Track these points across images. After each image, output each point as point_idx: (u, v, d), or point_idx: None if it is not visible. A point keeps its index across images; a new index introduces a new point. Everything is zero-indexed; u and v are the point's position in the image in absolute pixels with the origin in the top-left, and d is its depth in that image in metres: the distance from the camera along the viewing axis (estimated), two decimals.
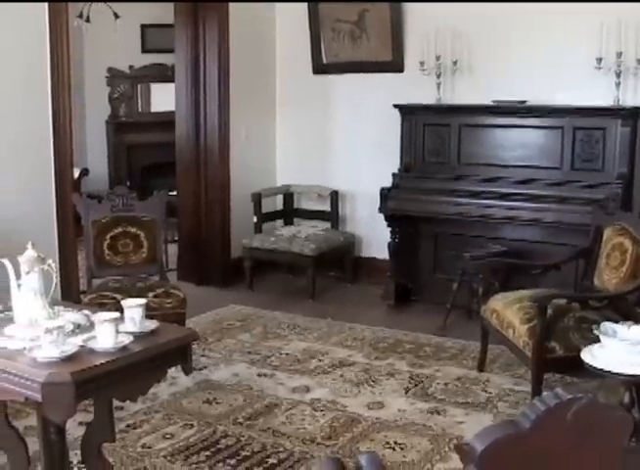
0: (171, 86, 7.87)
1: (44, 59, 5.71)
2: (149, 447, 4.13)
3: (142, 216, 5.32)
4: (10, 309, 3.01)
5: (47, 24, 5.69)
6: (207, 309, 6.57)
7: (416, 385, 5.00)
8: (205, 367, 5.28)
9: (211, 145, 7.40)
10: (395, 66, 7.12)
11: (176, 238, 8.04)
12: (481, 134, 6.38)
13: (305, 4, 7.42)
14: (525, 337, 4.48)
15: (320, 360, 5.44)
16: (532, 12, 6.32)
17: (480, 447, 1.35)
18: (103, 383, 2.65)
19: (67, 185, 5.98)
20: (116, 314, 2.78)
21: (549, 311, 4.45)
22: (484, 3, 6.49)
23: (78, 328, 2.86)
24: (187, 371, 2.99)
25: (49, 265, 2.94)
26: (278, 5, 7.77)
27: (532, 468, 1.42)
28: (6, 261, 2.92)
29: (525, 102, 6.22)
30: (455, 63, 6.67)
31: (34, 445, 3.28)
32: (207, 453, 4.08)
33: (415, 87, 6.87)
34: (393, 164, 6.73)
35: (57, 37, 5.76)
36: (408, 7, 6.98)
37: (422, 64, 6.73)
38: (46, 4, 5.66)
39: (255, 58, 7.66)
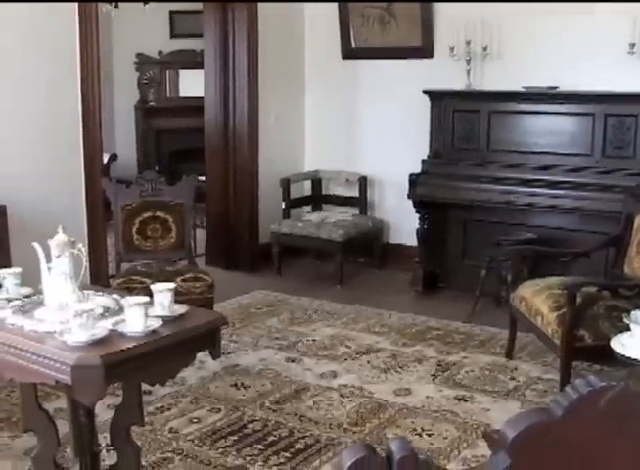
0: (200, 72, 7.87)
1: (74, 45, 5.73)
2: (176, 431, 4.16)
3: (171, 201, 5.33)
4: (40, 293, 3.03)
5: (76, 10, 5.71)
6: (235, 294, 6.59)
7: (443, 372, 4.99)
8: (233, 352, 5.30)
9: (240, 130, 7.39)
10: (425, 51, 7.08)
11: (204, 223, 8.05)
12: (511, 121, 6.33)
13: None
14: (555, 325, 4.45)
15: (347, 346, 5.44)
16: None
17: (511, 434, 1.33)
18: (132, 366, 2.66)
19: (96, 170, 6.01)
20: (146, 298, 2.78)
21: (579, 299, 4.42)
22: None
23: (108, 312, 2.87)
24: (215, 356, 2.99)
25: (79, 249, 2.95)
26: None
27: (564, 456, 1.40)
28: (37, 245, 2.93)
29: (555, 88, 6.17)
30: (485, 48, 6.61)
31: (64, 427, 3.30)
32: (234, 438, 4.09)
33: (444, 73, 6.83)
34: (422, 150, 6.70)
35: (86, 23, 5.78)
36: None
37: (452, 49, 6.69)
38: None
39: (284, 43, 7.64)
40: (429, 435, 4.11)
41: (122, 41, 10.70)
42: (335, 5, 7.42)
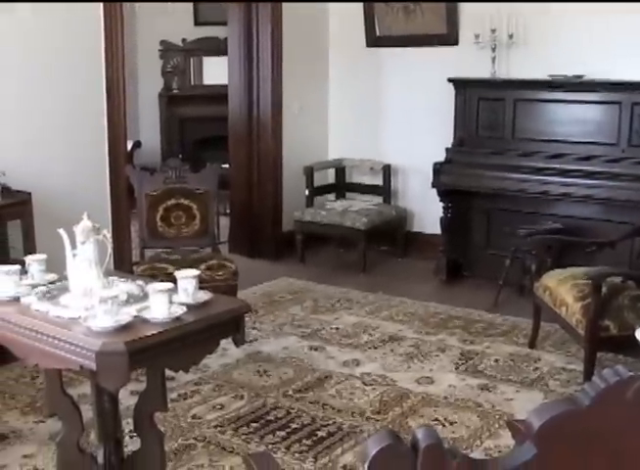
0: (224, 59, 7.87)
1: (98, 32, 5.74)
2: (199, 418, 4.18)
3: (195, 189, 5.34)
4: (65, 279, 3.04)
5: None
6: (258, 282, 6.60)
7: (466, 361, 4.97)
8: (256, 340, 5.31)
9: (264, 118, 7.39)
10: (450, 39, 7.04)
11: (228, 211, 8.07)
12: (537, 109, 6.29)
13: None
14: (579, 315, 4.43)
15: (370, 335, 5.44)
16: None
17: (537, 424, 1.32)
18: (156, 353, 2.67)
19: (120, 157, 6.02)
20: (170, 285, 2.78)
21: (604, 289, 4.39)
22: None
23: (132, 298, 2.88)
24: (238, 343, 2.99)
25: (104, 236, 2.96)
26: None
27: (590, 446, 1.39)
28: (62, 232, 2.94)
29: (581, 76, 6.12)
30: (511, 36, 6.56)
31: (87, 412, 3.32)
32: (257, 425, 4.11)
33: (469, 61, 6.79)
34: (446, 138, 6.67)
35: (111, 11, 5.78)
36: None
37: (477, 37, 6.65)
38: None
39: (308, 31, 7.62)
40: (451, 424, 4.11)
41: (147, 29, 10.71)
42: None
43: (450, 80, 6.62)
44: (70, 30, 5.56)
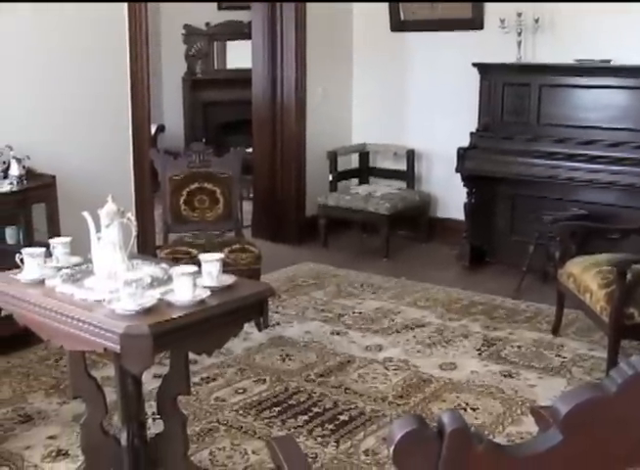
0: (247, 44, 7.87)
1: (121, 16, 5.74)
2: (222, 401, 4.19)
3: (218, 173, 5.34)
4: (89, 262, 3.05)
5: None
6: (281, 266, 6.61)
7: (489, 347, 4.96)
8: (279, 324, 5.32)
9: (288, 103, 7.38)
10: (474, 23, 7.00)
11: (251, 195, 8.07)
12: (563, 94, 6.23)
13: None
14: (603, 302, 4.39)
15: (393, 320, 5.44)
16: None
17: (564, 410, 1.31)
18: (180, 336, 2.67)
19: (144, 141, 6.03)
20: (194, 268, 2.79)
21: (628, 276, 4.35)
22: None
23: (156, 281, 2.88)
24: (261, 327, 2.99)
25: (128, 219, 2.96)
26: None
27: (616, 433, 1.38)
28: (86, 214, 2.94)
29: (608, 61, 6.06)
30: (537, 20, 6.51)
31: (111, 395, 3.34)
32: (279, 409, 4.11)
33: (494, 45, 6.75)
34: (471, 123, 6.64)
35: None
36: None
37: (502, 21, 6.60)
38: None
39: (332, 15, 7.59)
40: (473, 410, 4.10)
41: (170, 13, 10.70)
42: None
43: (475, 65, 6.58)
44: (94, 15, 5.56)
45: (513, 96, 6.45)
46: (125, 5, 5.74)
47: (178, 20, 10.88)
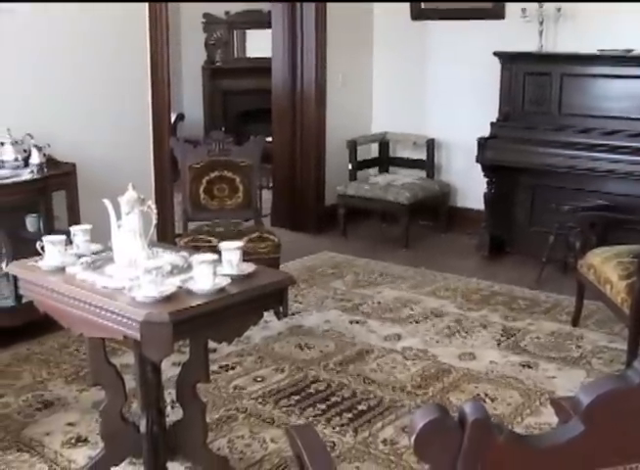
0: (267, 32, 7.85)
1: (142, 5, 5.74)
2: (240, 389, 4.20)
3: (238, 161, 5.34)
4: (110, 249, 3.06)
5: None
6: (300, 256, 6.61)
7: (508, 338, 4.95)
8: (298, 313, 5.32)
9: (307, 92, 7.37)
10: (496, 12, 6.96)
11: (270, 184, 8.07)
12: (585, 84, 6.19)
13: None
14: (624, 293, 4.37)
15: (412, 309, 5.43)
16: None
17: (586, 401, 1.31)
18: (200, 323, 2.67)
19: (163, 129, 6.04)
20: (214, 256, 2.78)
21: None
22: None
23: (176, 269, 2.88)
24: (280, 316, 2.99)
25: (149, 207, 2.96)
26: None
27: (639, 424, 1.37)
28: (107, 202, 2.95)
29: (631, 51, 6.01)
30: (559, 9, 6.47)
31: (130, 382, 3.35)
32: (298, 397, 4.12)
33: (516, 34, 6.70)
34: (491, 113, 6.60)
35: None
36: None
37: (524, 10, 6.56)
38: None
39: (353, 4, 7.56)
40: (492, 400, 4.09)
41: (190, 2, 10.70)
42: None
43: (496, 54, 6.54)
44: (115, 3, 5.56)
45: (534, 85, 6.41)
46: None
47: (198, 8, 10.88)
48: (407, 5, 7.45)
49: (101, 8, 5.47)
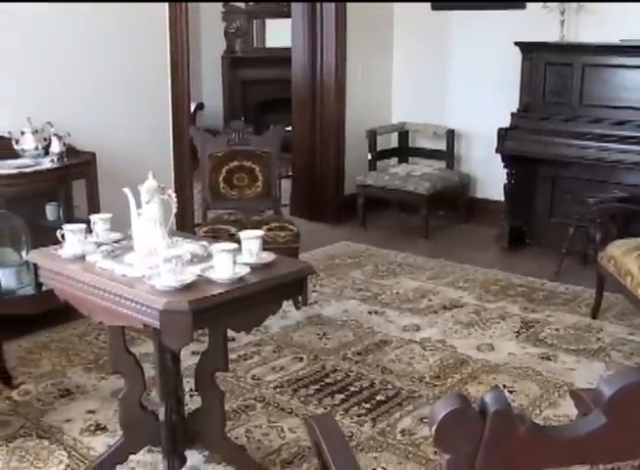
0: (287, 22, 7.84)
1: None
2: (259, 379, 4.21)
3: (258, 151, 5.34)
4: (130, 238, 3.06)
5: None
6: (319, 245, 6.61)
7: (527, 329, 4.93)
8: (316, 302, 5.32)
9: (327, 82, 7.36)
10: (517, 2, 6.90)
11: (289, 173, 8.07)
12: (606, 75, 6.13)
13: None
14: None
15: (431, 300, 5.42)
16: None
17: (608, 392, 1.30)
18: (219, 312, 2.68)
19: (183, 119, 6.04)
20: (234, 245, 2.78)
21: None
22: None
23: (196, 258, 2.89)
24: (299, 305, 2.99)
25: (169, 195, 2.97)
26: None
27: None
28: (127, 191, 2.95)
29: None
30: None
31: (149, 370, 3.37)
32: (316, 387, 4.12)
33: (537, 25, 6.66)
34: (512, 103, 6.57)
35: None
36: None
37: (545, 0, 6.51)
38: None
39: None
40: (510, 392, 4.07)
41: None
42: None
43: (517, 44, 6.49)
44: None
45: (555, 76, 6.36)
46: None
47: None
48: None
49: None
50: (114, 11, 5.44)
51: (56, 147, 4.86)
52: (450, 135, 7.43)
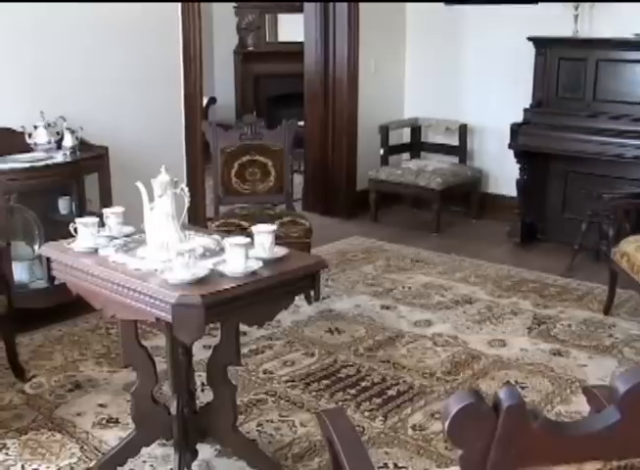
0: (299, 17, 7.83)
1: None
2: (270, 373, 4.21)
3: (270, 145, 5.33)
4: (142, 232, 3.07)
5: None
6: (331, 240, 6.61)
7: (539, 325, 4.92)
8: (328, 297, 5.32)
9: (340, 77, 7.35)
10: None
11: (302, 168, 8.07)
12: (620, 70, 6.10)
13: None
14: None
15: (442, 295, 5.41)
16: None
17: (622, 388, 1.30)
18: (231, 306, 2.67)
19: (195, 113, 6.05)
20: (247, 239, 2.78)
21: None
22: None
23: (208, 252, 2.89)
24: (311, 300, 2.98)
25: (182, 189, 2.97)
26: None
27: None
28: (140, 185, 2.95)
29: None
30: None
31: (160, 364, 3.37)
32: (327, 382, 4.12)
33: (550, 19, 6.62)
34: (525, 98, 6.55)
35: None
36: None
37: None
38: None
39: None
40: (522, 388, 4.06)
41: None
42: None
43: (530, 39, 6.47)
44: None
45: (568, 71, 6.34)
46: None
47: None
48: None
49: None
50: (126, 6, 5.44)
51: (68, 141, 4.87)
52: (463, 130, 7.41)
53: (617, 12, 6.33)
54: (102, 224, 3.16)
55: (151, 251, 2.90)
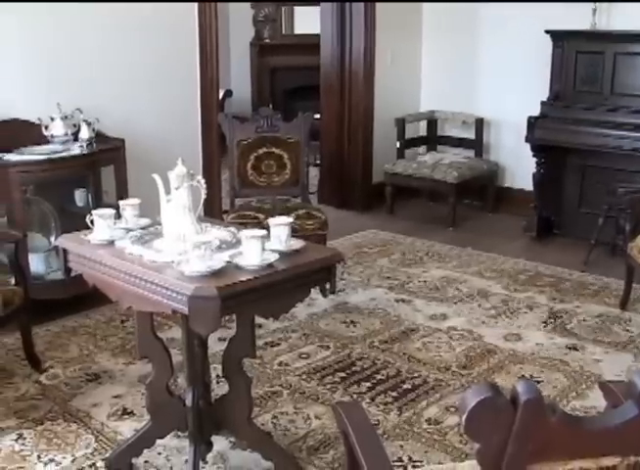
0: (316, 9, 7.81)
1: None
2: (285, 366, 4.21)
3: (286, 138, 5.33)
4: (158, 224, 3.07)
5: None
6: (347, 233, 6.61)
7: (555, 320, 4.90)
8: (343, 290, 5.32)
9: (356, 69, 7.34)
10: None
11: (318, 161, 8.07)
12: (638, 63, 6.06)
13: None
14: None
15: (458, 289, 5.40)
16: None
17: None
18: (247, 299, 2.67)
19: (211, 105, 6.05)
20: (263, 232, 2.78)
21: None
22: None
23: (225, 244, 2.89)
24: (326, 293, 2.98)
25: (198, 182, 2.97)
26: None
27: None
28: (156, 177, 2.96)
29: None
30: None
31: (176, 356, 3.38)
32: (342, 375, 4.12)
33: (568, 12, 6.58)
34: (542, 92, 6.51)
35: None
36: None
37: None
38: None
39: None
40: (537, 382, 4.05)
41: None
42: None
43: (548, 32, 6.44)
44: None
45: (586, 64, 6.30)
46: None
47: None
48: None
49: None
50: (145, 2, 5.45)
51: (85, 133, 4.88)
52: (479, 124, 7.39)
53: (635, 5, 6.27)
54: (118, 216, 3.16)
55: (167, 243, 2.90)
